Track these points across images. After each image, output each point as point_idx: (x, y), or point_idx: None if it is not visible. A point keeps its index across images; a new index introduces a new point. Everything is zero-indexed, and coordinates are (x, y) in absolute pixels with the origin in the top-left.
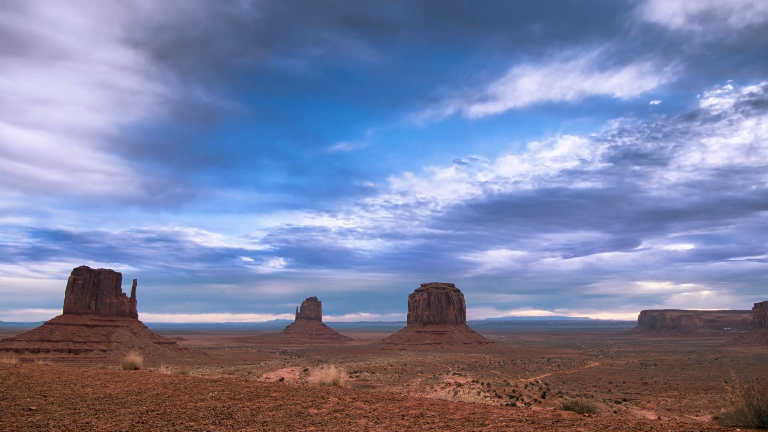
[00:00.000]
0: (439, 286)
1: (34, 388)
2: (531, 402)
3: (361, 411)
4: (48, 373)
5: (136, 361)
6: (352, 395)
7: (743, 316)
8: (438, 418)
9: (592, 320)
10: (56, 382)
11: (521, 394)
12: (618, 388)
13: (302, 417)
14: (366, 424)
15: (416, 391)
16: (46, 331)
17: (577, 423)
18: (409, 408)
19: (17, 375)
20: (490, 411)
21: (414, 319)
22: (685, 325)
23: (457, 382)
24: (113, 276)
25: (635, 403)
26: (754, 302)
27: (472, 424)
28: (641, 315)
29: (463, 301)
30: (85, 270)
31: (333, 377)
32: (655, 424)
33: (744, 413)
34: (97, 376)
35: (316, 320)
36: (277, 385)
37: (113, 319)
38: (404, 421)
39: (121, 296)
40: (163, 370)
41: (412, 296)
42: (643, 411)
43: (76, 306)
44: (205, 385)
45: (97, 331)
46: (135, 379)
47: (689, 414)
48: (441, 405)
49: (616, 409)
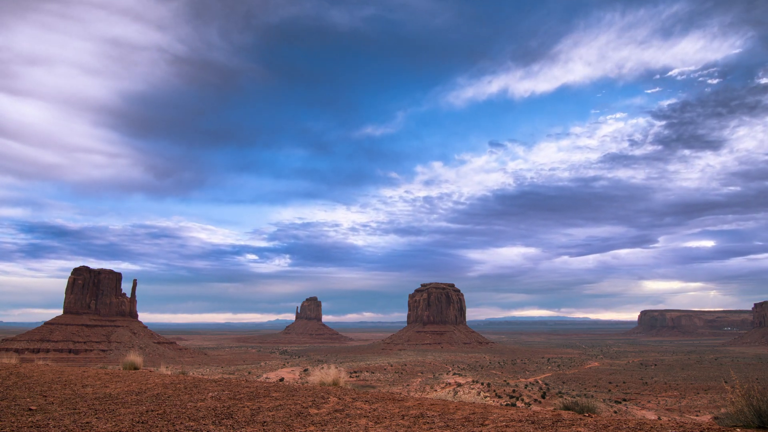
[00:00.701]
0: (439, 286)
1: (34, 388)
2: (531, 402)
3: (361, 411)
4: (48, 373)
5: (136, 361)
6: (352, 395)
7: (743, 316)
8: (438, 418)
9: (592, 320)
10: (56, 382)
11: (521, 394)
12: (618, 388)
13: (302, 417)
14: (366, 424)
15: (416, 391)
16: (46, 331)
17: (577, 423)
18: (409, 408)
19: (17, 375)
20: (490, 411)
21: (414, 319)
22: (685, 325)
23: (457, 382)
24: (113, 276)
25: (635, 403)
26: (754, 302)
27: (472, 424)
28: (641, 315)
29: (463, 301)
30: (85, 270)
31: (333, 377)
32: (655, 424)
33: (744, 413)
34: (97, 376)
35: (316, 320)
36: (277, 385)
37: (113, 319)
38: (404, 421)
39: (121, 296)
40: (163, 370)
41: (412, 296)
42: (643, 411)
43: (76, 306)
44: (205, 385)
45: (97, 331)
46: (135, 379)
47: (689, 414)
48: (441, 405)
49: (616, 409)
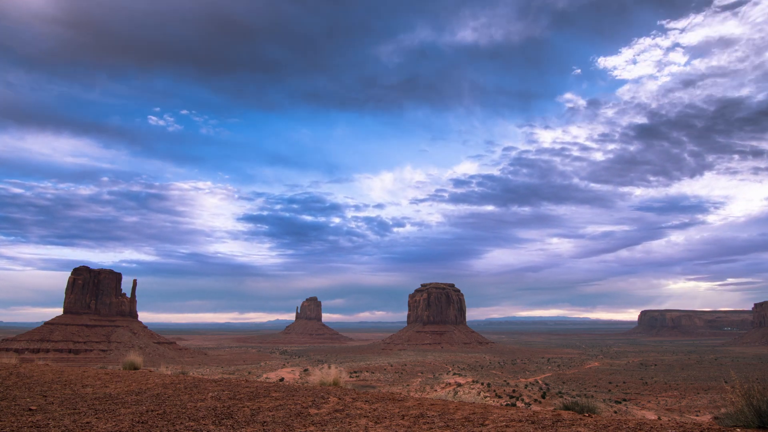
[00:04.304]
0: (439, 286)
1: (34, 388)
2: (531, 402)
3: (361, 411)
4: (48, 373)
5: (136, 361)
6: (352, 395)
7: (743, 316)
8: (438, 418)
9: (592, 320)
10: (56, 382)
11: (521, 394)
12: (618, 388)
13: (302, 417)
14: (366, 424)
15: (416, 391)
16: (46, 331)
17: (577, 423)
18: (409, 408)
19: (17, 375)
20: (490, 411)
21: (414, 319)
22: (685, 325)
23: (457, 382)
24: (113, 276)
25: (635, 403)
26: (754, 302)
27: (472, 424)
28: (641, 315)
29: (463, 301)
30: (85, 270)
31: (333, 377)
32: (655, 424)
33: (744, 413)
34: (97, 376)
35: (316, 320)
36: (277, 385)
37: (113, 319)
38: (404, 421)
39: (121, 296)
40: (163, 370)
41: (412, 296)
42: (643, 411)
43: (76, 306)
44: (205, 385)
45: (97, 331)
46: (135, 379)
47: (689, 414)
48: (441, 405)
49: (616, 409)
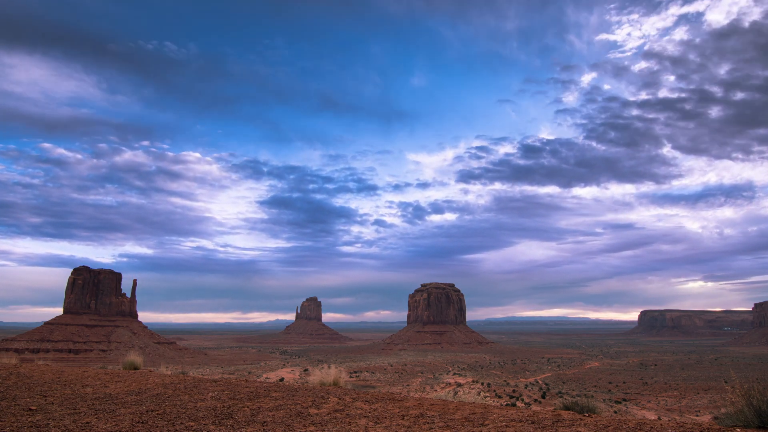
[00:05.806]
0: (439, 286)
1: (34, 388)
2: (531, 402)
3: (361, 411)
4: (48, 373)
5: (136, 361)
6: (352, 395)
7: (743, 316)
8: (438, 418)
9: (592, 320)
10: (56, 382)
11: (521, 394)
12: (618, 388)
13: (302, 417)
14: (366, 424)
15: (416, 391)
16: (46, 331)
17: (577, 423)
18: (409, 408)
19: (17, 375)
20: (490, 411)
21: (414, 319)
22: (685, 325)
23: (457, 382)
24: (113, 276)
25: (635, 403)
26: (754, 302)
27: (472, 424)
28: (641, 315)
29: (463, 301)
30: (85, 270)
31: (333, 377)
32: (655, 424)
33: (744, 413)
34: (97, 376)
35: (316, 320)
36: (277, 385)
37: (113, 319)
38: (404, 421)
39: (121, 296)
40: (163, 370)
41: (412, 296)
42: (643, 411)
43: (76, 306)
44: (205, 385)
45: (97, 331)
46: (135, 379)
47: (689, 414)
48: (441, 405)
49: (616, 409)
